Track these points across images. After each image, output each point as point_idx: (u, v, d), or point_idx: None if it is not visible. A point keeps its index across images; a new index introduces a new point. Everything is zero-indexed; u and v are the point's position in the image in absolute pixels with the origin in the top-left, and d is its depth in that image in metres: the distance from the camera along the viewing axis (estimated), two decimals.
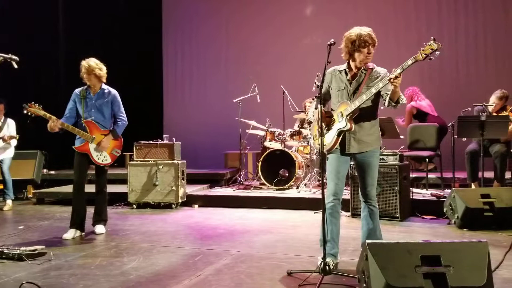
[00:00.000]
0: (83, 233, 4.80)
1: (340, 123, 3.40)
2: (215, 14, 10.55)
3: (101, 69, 4.78)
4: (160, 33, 11.08)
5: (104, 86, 4.87)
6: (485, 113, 5.50)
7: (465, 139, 5.90)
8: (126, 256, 3.90)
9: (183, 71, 10.94)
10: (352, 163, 3.55)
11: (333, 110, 3.52)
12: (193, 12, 10.76)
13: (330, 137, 3.46)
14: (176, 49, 10.99)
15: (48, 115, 4.56)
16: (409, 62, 3.08)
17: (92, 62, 4.74)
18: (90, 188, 4.93)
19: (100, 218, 4.95)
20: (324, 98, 3.59)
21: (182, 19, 10.87)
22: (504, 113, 5.87)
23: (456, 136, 5.75)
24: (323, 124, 3.44)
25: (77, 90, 4.86)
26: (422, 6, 9.04)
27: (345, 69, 3.48)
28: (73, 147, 4.78)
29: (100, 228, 4.90)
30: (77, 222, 4.77)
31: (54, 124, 4.54)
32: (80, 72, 4.77)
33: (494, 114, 5.90)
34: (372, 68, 3.43)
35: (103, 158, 4.78)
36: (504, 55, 8.49)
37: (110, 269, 3.54)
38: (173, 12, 10.99)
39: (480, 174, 5.60)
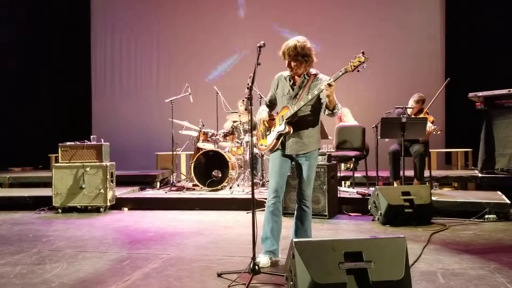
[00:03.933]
0: None
1: (280, 126, 3.56)
2: (147, 13, 10.33)
3: None
4: (88, 30, 10.65)
5: None
6: (405, 115, 5.82)
7: (387, 139, 6.20)
8: (49, 263, 3.71)
9: (113, 70, 10.59)
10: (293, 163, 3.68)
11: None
12: (124, 10, 10.46)
13: (270, 139, 3.64)
14: (105, 46, 10.63)
15: None
16: (340, 73, 3.28)
17: None
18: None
19: None
20: (272, 103, 3.77)
21: (112, 16, 10.54)
22: (421, 115, 6.24)
23: (379, 137, 6.03)
24: (266, 125, 3.67)
25: None
26: (349, 13, 9.44)
27: (289, 75, 3.61)
28: None
29: None
30: None
31: None
32: None
33: (413, 116, 6.25)
34: (315, 75, 3.56)
35: None
36: (424, 63, 9.19)
37: (31, 277, 3.35)
38: (103, 8, 10.61)
39: (401, 173, 5.92)
